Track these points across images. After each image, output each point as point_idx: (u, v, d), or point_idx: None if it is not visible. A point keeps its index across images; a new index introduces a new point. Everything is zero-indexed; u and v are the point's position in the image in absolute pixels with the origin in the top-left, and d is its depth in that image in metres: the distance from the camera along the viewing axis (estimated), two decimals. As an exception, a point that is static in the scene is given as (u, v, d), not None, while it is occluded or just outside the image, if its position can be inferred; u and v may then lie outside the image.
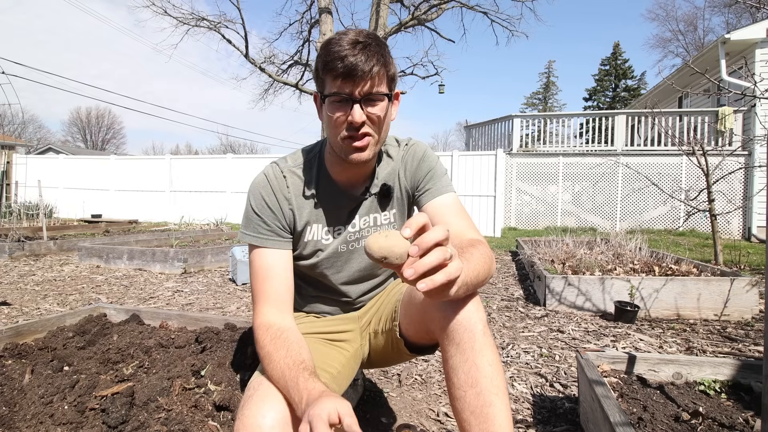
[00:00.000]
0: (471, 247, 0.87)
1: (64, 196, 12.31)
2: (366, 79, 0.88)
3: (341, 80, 0.88)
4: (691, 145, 4.43)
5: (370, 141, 0.95)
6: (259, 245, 1.02)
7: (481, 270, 0.82)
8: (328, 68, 0.88)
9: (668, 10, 41.47)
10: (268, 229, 1.02)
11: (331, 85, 0.90)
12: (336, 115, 0.91)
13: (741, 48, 8.57)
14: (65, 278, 4.05)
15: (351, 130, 0.92)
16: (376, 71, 0.89)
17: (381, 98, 0.93)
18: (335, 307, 1.20)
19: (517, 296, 3.45)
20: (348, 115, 0.90)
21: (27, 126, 39.23)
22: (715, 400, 1.34)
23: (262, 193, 1.04)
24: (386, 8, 10.22)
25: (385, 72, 0.92)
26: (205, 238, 6.25)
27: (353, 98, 0.89)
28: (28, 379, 1.34)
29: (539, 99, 44.68)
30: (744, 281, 2.73)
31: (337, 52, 0.86)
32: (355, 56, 0.86)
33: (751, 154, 8.15)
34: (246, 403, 0.82)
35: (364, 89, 0.89)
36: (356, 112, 0.90)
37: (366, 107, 0.91)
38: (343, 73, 0.86)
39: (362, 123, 0.91)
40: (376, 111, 0.93)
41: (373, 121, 0.93)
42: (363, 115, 0.90)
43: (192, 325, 1.98)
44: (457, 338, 0.83)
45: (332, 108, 0.91)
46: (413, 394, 1.76)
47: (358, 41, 0.88)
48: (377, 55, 0.89)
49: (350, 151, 0.95)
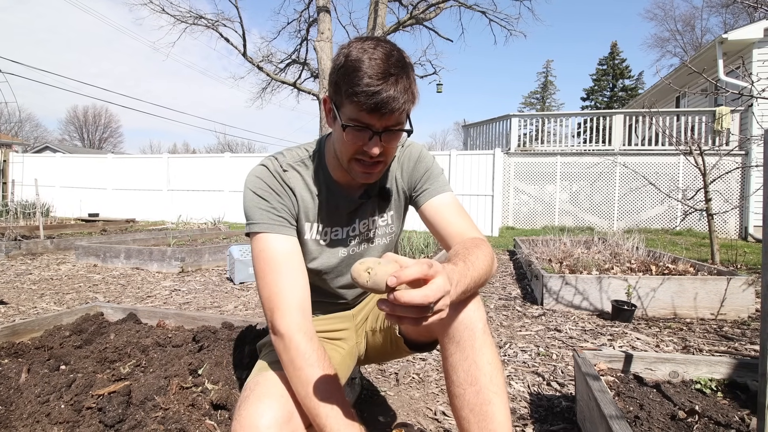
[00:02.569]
0: (475, 248, 0.87)
1: (61, 194, 12.27)
2: (392, 115, 0.83)
3: (366, 113, 0.82)
4: (689, 144, 4.44)
5: (381, 168, 0.94)
6: (267, 231, 0.94)
7: (483, 272, 0.83)
8: (354, 98, 0.81)
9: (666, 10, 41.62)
10: (277, 215, 0.96)
11: (353, 111, 0.84)
12: (352, 142, 0.88)
13: (738, 48, 8.60)
14: (62, 277, 4.04)
15: (364, 156, 0.89)
16: (402, 108, 0.84)
17: (401, 133, 0.89)
18: (331, 309, 1.19)
19: (514, 295, 3.45)
20: (365, 144, 0.87)
21: (24, 124, 39.09)
22: (711, 398, 1.34)
23: (265, 180, 0.98)
24: (384, 7, 10.21)
25: (410, 106, 0.87)
26: (203, 237, 6.24)
27: (374, 130, 0.85)
28: (24, 378, 1.34)
29: (537, 98, 44.73)
30: (740, 280, 2.74)
31: (367, 85, 0.79)
32: (387, 92, 0.80)
33: (748, 153, 8.17)
34: (243, 403, 0.82)
35: (388, 124, 0.85)
36: (375, 145, 0.86)
37: (385, 140, 0.87)
38: (370, 107, 0.81)
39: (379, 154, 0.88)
40: (393, 144, 0.90)
41: (389, 153, 0.91)
42: (380, 148, 0.87)
43: (189, 324, 1.97)
44: (458, 336, 0.84)
45: (350, 134, 0.86)
46: (411, 392, 1.76)
47: (389, 73, 0.80)
48: (408, 92, 0.83)
49: (359, 175, 0.93)
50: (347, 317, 1.20)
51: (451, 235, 0.99)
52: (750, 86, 3.31)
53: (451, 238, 0.99)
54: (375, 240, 1.13)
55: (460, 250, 0.87)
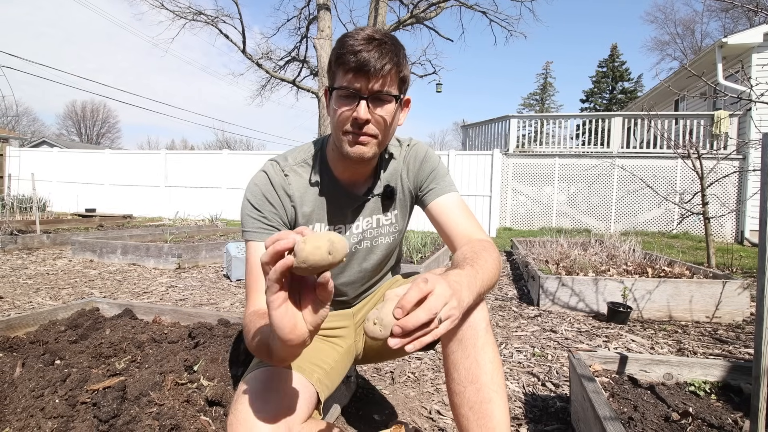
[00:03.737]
0: (483, 251, 0.89)
1: (58, 189, 12.22)
2: (377, 76, 0.86)
3: (352, 74, 0.86)
4: (687, 148, 4.46)
5: (372, 141, 0.94)
6: (256, 240, 0.99)
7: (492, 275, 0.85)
8: (340, 61, 0.87)
9: (667, 13, 41.74)
10: (268, 224, 0.99)
11: (342, 78, 0.88)
12: (342, 109, 0.89)
13: (738, 52, 8.63)
14: (58, 272, 4.02)
15: (355, 126, 0.90)
16: (387, 69, 0.87)
17: (389, 99, 0.90)
18: (331, 306, 1.19)
19: (510, 296, 3.46)
20: (353, 110, 0.88)
21: (21, 118, 38.92)
22: (705, 400, 1.35)
23: (262, 189, 1.00)
24: (385, 6, 10.20)
25: (396, 72, 0.90)
26: (200, 234, 6.22)
27: (361, 94, 0.88)
28: (19, 373, 1.33)
29: (536, 100, 44.78)
30: (736, 284, 2.75)
31: (351, 46, 0.85)
32: (369, 52, 0.84)
33: (746, 158, 8.21)
34: (239, 398, 0.82)
35: (374, 87, 0.87)
36: (362, 108, 0.88)
37: (373, 107, 0.89)
38: (354, 67, 0.85)
39: (366, 121, 0.89)
40: (383, 113, 0.91)
41: (379, 123, 0.92)
42: (368, 113, 0.89)
43: (185, 321, 1.97)
44: (460, 334, 0.84)
45: (339, 101, 0.90)
46: (406, 391, 1.76)
47: (374, 38, 0.86)
48: (391, 53, 0.87)
49: (350, 147, 0.93)
50: (347, 315, 1.20)
51: (457, 236, 1.00)
52: (749, 90, 3.33)
53: (457, 239, 1.00)
54: (379, 238, 1.13)
55: (468, 254, 0.88)
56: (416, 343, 0.61)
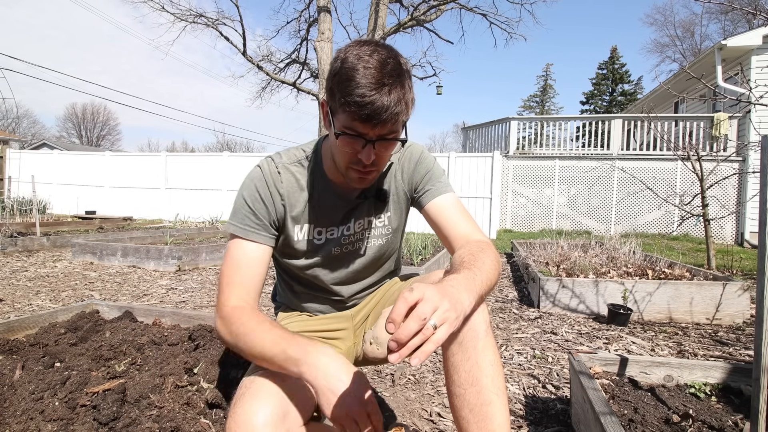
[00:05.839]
0: (481, 253, 0.88)
1: (58, 192, 12.23)
2: (385, 124, 0.83)
3: (359, 122, 0.83)
4: (686, 150, 4.46)
5: (375, 172, 0.94)
6: (242, 236, 0.98)
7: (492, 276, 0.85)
8: (347, 108, 0.82)
9: (666, 15, 41.82)
10: (256, 222, 0.99)
11: (346, 120, 0.84)
12: (345, 148, 0.88)
13: (737, 54, 8.64)
14: (58, 274, 4.02)
15: (359, 165, 0.90)
16: (396, 116, 0.83)
17: (395, 142, 0.89)
18: (327, 306, 1.19)
19: (511, 298, 3.46)
20: (358, 152, 0.87)
21: (21, 121, 38.97)
22: (705, 402, 1.35)
23: (257, 185, 1.01)
24: (385, 8, 10.23)
25: (405, 114, 0.87)
26: (200, 236, 6.22)
27: (367, 138, 0.85)
28: (18, 375, 1.33)
29: (536, 102, 44.84)
30: (736, 286, 2.75)
31: (360, 95, 0.79)
32: (380, 102, 0.80)
33: (746, 159, 8.21)
34: (238, 401, 0.82)
35: (381, 132, 0.85)
36: (368, 153, 0.87)
37: (378, 148, 0.88)
38: (362, 116, 0.81)
39: (372, 162, 0.89)
40: (387, 150, 0.90)
41: (382, 159, 0.92)
42: (373, 155, 0.87)
43: (185, 323, 1.97)
44: (460, 337, 0.84)
45: (343, 141, 0.87)
46: (406, 393, 1.76)
47: (383, 83, 0.80)
48: (402, 102, 0.83)
49: (354, 180, 0.94)
50: (346, 317, 1.20)
51: (455, 237, 1.00)
52: (748, 92, 3.33)
53: (455, 240, 1.00)
54: (370, 240, 1.13)
55: (466, 255, 0.88)
56: (419, 354, 0.61)
